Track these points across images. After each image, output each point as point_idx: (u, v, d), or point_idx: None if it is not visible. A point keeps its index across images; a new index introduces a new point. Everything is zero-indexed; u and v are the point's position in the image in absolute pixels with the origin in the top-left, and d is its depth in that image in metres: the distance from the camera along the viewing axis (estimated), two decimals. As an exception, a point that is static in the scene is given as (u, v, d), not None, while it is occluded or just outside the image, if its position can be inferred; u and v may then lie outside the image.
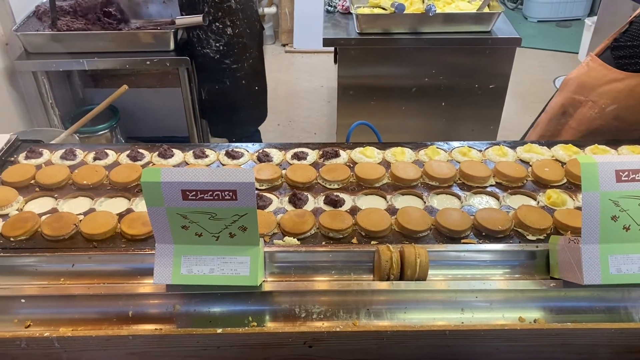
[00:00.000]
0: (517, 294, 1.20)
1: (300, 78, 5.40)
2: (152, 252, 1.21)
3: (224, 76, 2.97)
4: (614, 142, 1.77)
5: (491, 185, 1.58)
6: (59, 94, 3.16)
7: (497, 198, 1.53)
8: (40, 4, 3.05)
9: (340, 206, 1.48)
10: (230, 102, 3.05)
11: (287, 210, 1.47)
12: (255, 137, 3.34)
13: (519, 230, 1.39)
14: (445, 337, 1.08)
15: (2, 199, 1.48)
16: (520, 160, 1.69)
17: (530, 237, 1.37)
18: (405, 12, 2.83)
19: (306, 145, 1.79)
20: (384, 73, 3.07)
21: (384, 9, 2.95)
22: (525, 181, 1.58)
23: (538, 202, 1.51)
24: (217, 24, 2.78)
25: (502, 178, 1.58)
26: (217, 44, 2.84)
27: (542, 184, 1.58)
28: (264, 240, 1.31)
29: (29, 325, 1.15)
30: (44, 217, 1.42)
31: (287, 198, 1.52)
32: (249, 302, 1.18)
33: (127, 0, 3.14)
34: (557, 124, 2.14)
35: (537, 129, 2.24)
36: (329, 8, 3.27)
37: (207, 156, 1.71)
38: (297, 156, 1.71)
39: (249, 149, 1.75)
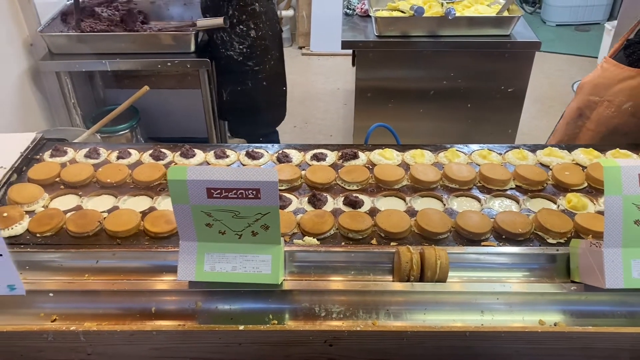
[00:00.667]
0: (538, 297, 1.20)
1: (316, 80, 5.42)
2: (175, 249, 1.23)
3: (246, 78, 2.99)
4: (635, 146, 1.76)
5: (511, 189, 1.57)
6: (81, 94, 3.21)
7: (517, 201, 1.53)
8: (64, 5, 3.11)
9: (360, 207, 1.49)
10: (251, 103, 3.08)
11: (306, 211, 1.48)
12: (274, 138, 3.37)
13: (539, 233, 1.39)
14: (466, 338, 1.08)
15: (28, 195, 1.51)
16: (541, 163, 1.68)
17: (550, 241, 1.37)
18: (424, 15, 2.84)
19: (325, 146, 1.80)
20: (402, 76, 3.07)
21: (402, 12, 2.96)
22: (545, 185, 1.58)
23: (558, 206, 1.50)
24: (242, 26, 2.81)
25: (523, 181, 1.57)
26: (241, 47, 2.85)
27: (562, 188, 1.57)
28: (284, 240, 1.32)
29: (54, 320, 1.18)
30: (69, 214, 1.45)
31: (306, 198, 1.54)
32: (269, 300, 1.20)
33: (149, 3, 3.18)
34: (574, 127, 2.13)
35: (556, 135, 2.24)
36: (348, 11, 3.29)
37: (227, 156, 1.73)
38: (316, 157, 1.73)
39: (268, 150, 1.77)
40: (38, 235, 1.39)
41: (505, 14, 2.87)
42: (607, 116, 2.01)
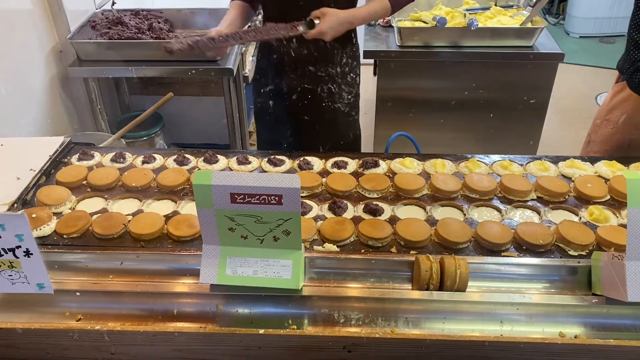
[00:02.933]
0: (558, 308, 1.19)
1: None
2: (197, 253, 1.25)
3: (349, 129, 2.43)
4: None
5: (532, 200, 1.57)
6: (107, 99, 3.28)
7: (539, 212, 1.52)
8: (93, 14, 3.18)
9: (380, 215, 1.50)
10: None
11: (326, 217, 1.50)
12: None
13: (561, 245, 1.38)
14: (485, 348, 1.08)
15: (56, 197, 1.55)
16: (562, 175, 1.68)
17: (572, 253, 1.36)
18: (446, 25, 2.84)
19: (346, 154, 1.81)
20: (423, 86, 3.07)
21: (424, 22, 2.97)
22: (567, 196, 1.57)
23: (580, 218, 1.49)
24: (352, 74, 2.31)
25: (544, 193, 1.57)
26: (349, 96, 2.32)
27: (584, 200, 1.56)
28: (304, 246, 1.33)
29: (79, 319, 1.21)
30: (94, 217, 1.49)
31: (326, 205, 1.55)
32: (289, 305, 1.21)
33: (175, 11, 3.24)
34: (585, 153, 2.20)
35: None
36: (371, 22, 3.31)
37: (249, 162, 1.76)
38: (337, 165, 1.74)
39: (290, 157, 1.79)
40: (65, 236, 1.43)
41: (529, 25, 2.87)
42: (608, 134, 2.09)
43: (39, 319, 1.20)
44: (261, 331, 1.09)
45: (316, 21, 1.90)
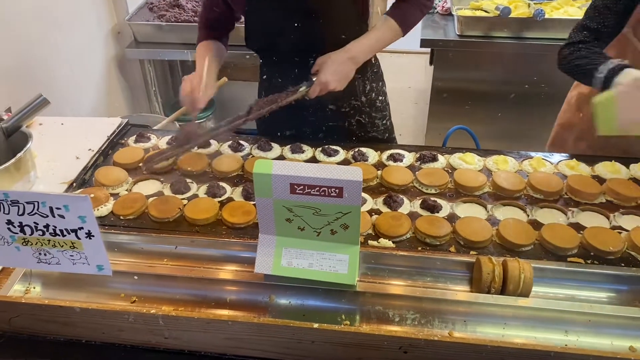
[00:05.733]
0: (629, 321, 1.12)
1: (386, 78, 5.34)
2: (252, 241, 1.24)
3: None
4: None
5: (601, 203, 1.48)
6: (161, 82, 3.32)
7: (607, 217, 1.44)
8: (151, -5, 3.22)
9: (437, 212, 1.45)
10: None
11: (381, 212, 1.46)
12: None
13: (633, 253, 1.30)
14: (550, 358, 1.02)
15: (114, 178, 1.57)
16: (634, 178, 1.58)
17: (645, 262, 1.28)
18: (510, 15, 2.72)
19: (402, 147, 1.76)
20: (481, 77, 2.97)
21: (486, 11, 2.86)
22: (639, 201, 1.48)
23: (654, 225, 1.40)
24: (380, 97, 1.98)
25: (614, 196, 1.48)
26: (384, 121, 1.99)
27: (659, 206, 1.46)
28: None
29: (134, 301, 1.22)
30: (150, 199, 1.50)
31: (382, 199, 1.51)
32: (342, 300, 1.18)
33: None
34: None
35: None
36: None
37: (303, 151, 1.73)
38: (392, 157, 1.69)
39: (344, 148, 1.75)
40: (122, 217, 1.44)
41: (598, 16, 2.71)
42: (563, 111, 2.08)
43: (95, 299, 1.22)
44: (315, 325, 1.07)
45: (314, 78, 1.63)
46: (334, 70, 1.61)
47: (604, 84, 1.46)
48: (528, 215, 1.44)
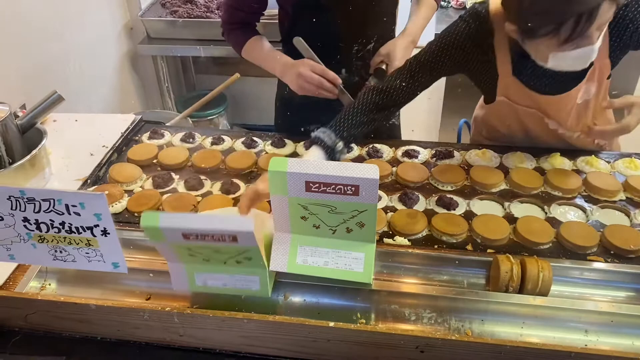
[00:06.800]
0: (650, 321, 1.10)
1: (400, 73, 5.30)
2: (266, 239, 1.23)
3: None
4: None
5: (620, 200, 1.46)
6: (173, 78, 3.32)
7: (628, 215, 1.41)
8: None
9: (454, 209, 1.43)
10: None
11: (396, 209, 1.44)
12: None
13: (654, 251, 1.27)
14: (570, 358, 1.01)
15: (128, 175, 1.57)
16: (654, 175, 1.55)
17: (665, 261, 1.26)
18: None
19: (417, 143, 1.74)
20: (496, 72, 2.93)
21: (501, 5, 2.82)
22: (660, 199, 1.45)
23: (676, 223, 1.37)
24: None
25: (634, 193, 1.45)
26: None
27: (681, 204, 1.43)
28: (374, 238, 1.29)
29: (149, 298, 1.22)
30: (165, 196, 1.49)
31: (397, 196, 1.50)
32: (357, 298, 1.17)
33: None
34: None
35: None
36: (443, 3, 3.18)
37: (317, 148, 1.71)
38: (408, 154, 1.68)
39: (358, 144, 1.74)
40: (136, 214, 1.44)
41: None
42: None
43: (110, 296, 1.22)
44: (331, 324, 1.06)
45: (383, 66, 1.67)
46: (402, 56, 1.64)
47: None
48: (546, 213, 1.41)
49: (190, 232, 0.96)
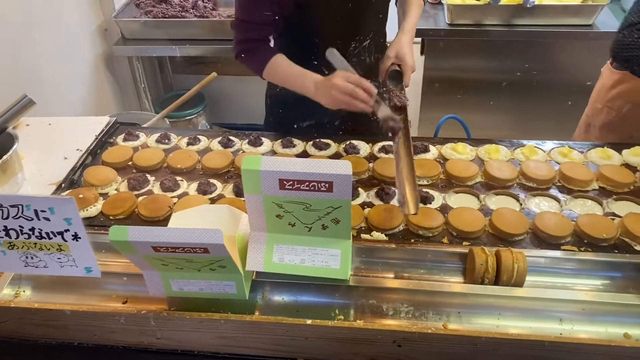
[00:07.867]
0: (623, 308, 1.12)
1: (380, 69, 5.31)
2: (243, 238, 1.22)
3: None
4: None
5: (594, 190, 1.48)
6: (150, 78, 3.29)
7: (601, 204, 1.43)
8: (137, -9, 3.18)
9: (430, 203, 1.44)
10: None
11: (373, 204, 1.45)
12: None
13: (626, 239, 1.30)
14: (544, 348, 1.02)
15: (103, 178, 1.55)
16: (627, 164, 1.57)
17: (637, 248, 1.28)
18: (500, 3, 2.70)
19: (393, 138, 1.74)
20: (473, 66, 2.95)
21: (476, -1, 2.84)
22: (632, 187, 1.47)
23: (647, 211, 1.39)
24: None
25: (607, 183, 1.47)
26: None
27: (652, 191, 1.46)
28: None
29: (125, 302, 1.20)
30: (140, 198, 1.48)
31: (374, 192, 1.50)
32: (335, 295, 1.17)
33: (218, -11, 3.21)
34: (585, 138, 2.07)
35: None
36: (418, -2, 3.19)
37: (294, 146, 1.72)
38: (384, 149, 1.68)
39: (335, 141, 1.74)
40: (111, 217, 1.43)
41: (589, 2, 2.70)
42: (609, 122, 1.95)
43: (86, 301, 1.20)
44: (308, 322, 1.06)
45: (396, 67, 1.65)
46: (410, 54, 1.66)
47: None
48: (521, 205, 1.43)
49: (161, 245, 0.96)
